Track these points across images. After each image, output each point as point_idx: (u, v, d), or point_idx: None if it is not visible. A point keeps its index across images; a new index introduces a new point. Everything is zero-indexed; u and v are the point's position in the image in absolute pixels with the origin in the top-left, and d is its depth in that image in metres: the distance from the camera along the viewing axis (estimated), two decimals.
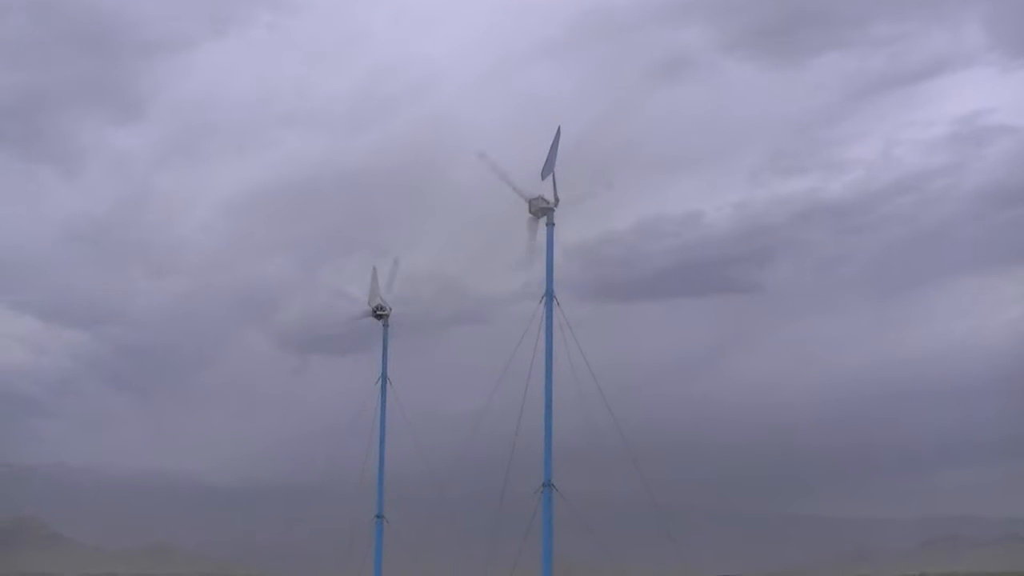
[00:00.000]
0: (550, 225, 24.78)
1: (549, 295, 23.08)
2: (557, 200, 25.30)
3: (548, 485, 22.27)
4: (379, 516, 29.39)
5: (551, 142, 26.38)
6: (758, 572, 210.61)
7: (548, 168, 27.22)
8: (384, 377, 29.54)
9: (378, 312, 29.74)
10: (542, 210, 25.13)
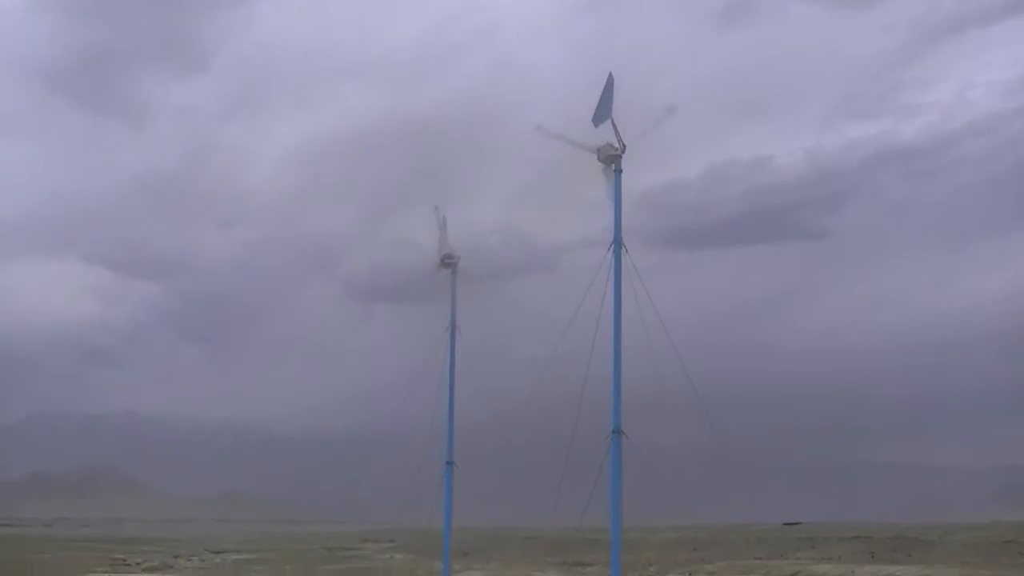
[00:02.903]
0: (617, 172, 24.56)
1: (617, 242, 23.00)
2: (623, 146, 25.03)
3: (617, 432, 22.36)
4: (449, 463, 29.67)
5: (604, 88, 26.02)
6: (825, 520, 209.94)
7: (602, 115, 27.08)
8: (453, 325, 29.67)
9: (446, 260, 29.82)
10: (609, 157, 24.90)
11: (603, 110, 27.00)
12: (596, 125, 27.83)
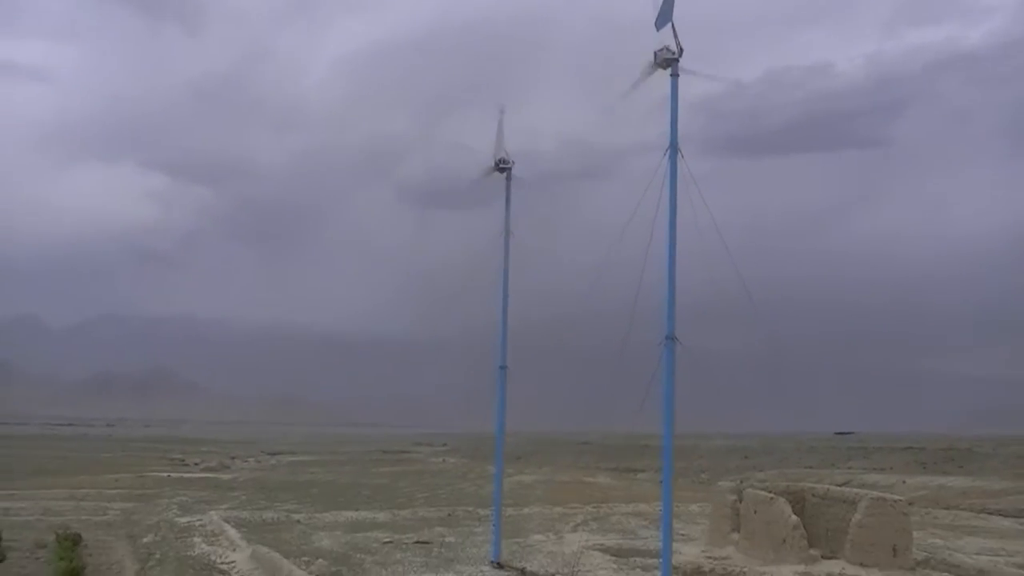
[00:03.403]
0: (674, 76, 24.09)
1: (673, 148, 22.63)
2: (681, 50, 24.53)
3: (670, 338, 22.23)
4: (502, 367, 29.66)
5: None
6: (878, 430, 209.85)
7: (663, 19, 26.62)
8: (507, 230, 29.47)
9: (501, 165, 29.53)
10: (666, 61, 24.41)
11: (665, 13, 26.64)
12: (658, 29, 27.54)
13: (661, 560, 23.52)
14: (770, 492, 33.44)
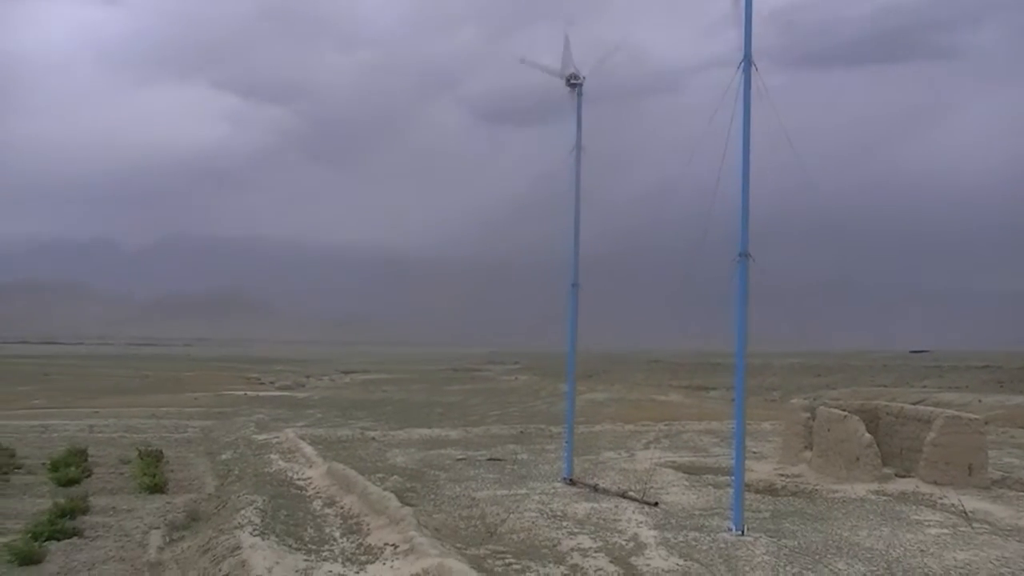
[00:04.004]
0: None
1: (747, 60, 22.14)
2: None
3: (743, 255, 21.98)
4: (574, 285, 29.53)
5: None
6: (956, 348, 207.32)
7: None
8: (578, 146, 29.13)
9: (571, 81, 29.13)
10: None
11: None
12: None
13: (733, 477, 23.53)
14: (843, 410, 33.26)
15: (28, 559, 20.36)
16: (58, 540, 22.32)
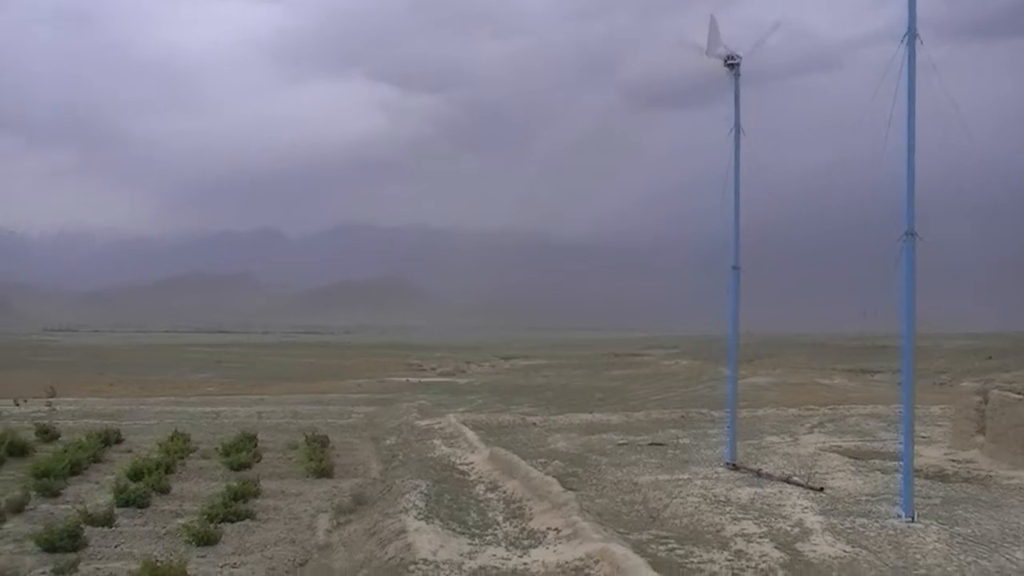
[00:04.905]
0: None
1: (911, 33, 21.44)
2: None
3: (909, 234, 21.36)
4: (735, 267, 29.13)
5: None
6: None
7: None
8: (737, 127, 28.67)
9: (729, 61, 28.69)
10: None
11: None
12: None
13: (901, 462, 22.97)
14: (1018, 393, 32.12)
15: (205, 540, 21.14)
16: (232, 522, 23.10)
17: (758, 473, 28.52)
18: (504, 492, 26.07)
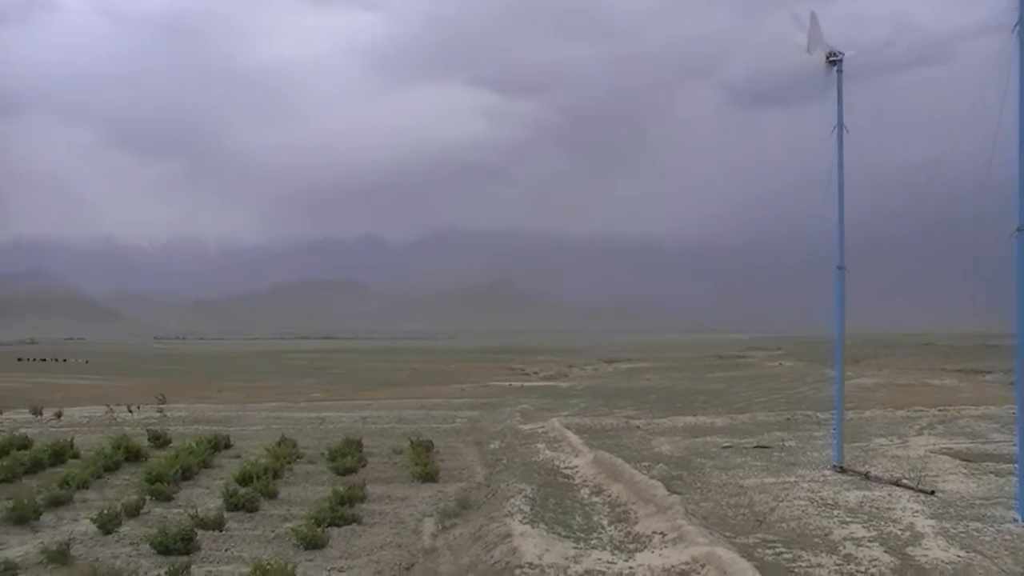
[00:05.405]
0: None
1: (1021, 24, 20.90)
2: None
3: (1022, 230, 20.81)
4: (839, 267, 28.66)
5: None
6: None
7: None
8: (840, 124, 28.21)
9: (832, 57, 28.24)
10: None
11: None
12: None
13: (1017, 465, 22.41)
14: None
15: (313, 543, 21.40)
16: (338, 526, 23.35)
17: (866, 476, 28.05)
18: (608, 496, 25.98)
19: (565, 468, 31.67)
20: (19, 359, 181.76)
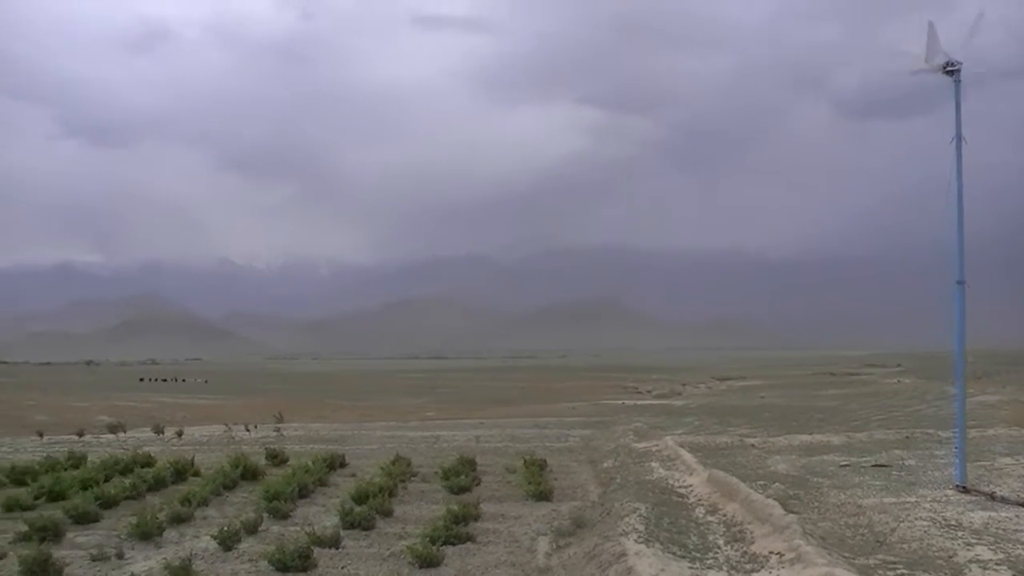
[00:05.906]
0: None
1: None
2: None
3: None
4: (960, 282, 27.97)
5: None
6: None
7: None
8: (958, 135, 27.57)
9: (949, 67, 27.63)
10: None
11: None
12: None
13: None
14: None
15: (428, 562, 21.54)
16: (453, 545, 23.46)
17: (992, 496, 27.31)
18: (724, 515, 25.70)
19: (679, 487, 31.42)
20: (140, 379, 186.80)
